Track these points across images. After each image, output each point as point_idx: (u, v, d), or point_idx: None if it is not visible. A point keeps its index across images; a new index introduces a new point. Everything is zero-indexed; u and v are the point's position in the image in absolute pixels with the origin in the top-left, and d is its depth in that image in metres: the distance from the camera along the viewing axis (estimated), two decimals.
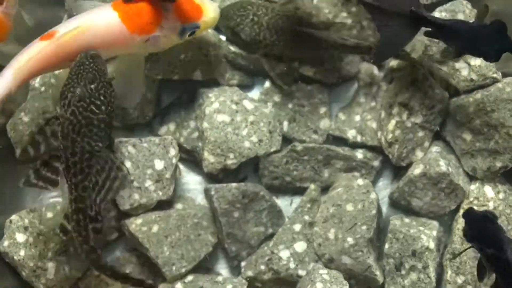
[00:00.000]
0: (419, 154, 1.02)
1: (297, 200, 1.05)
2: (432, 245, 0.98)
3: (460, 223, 0.98)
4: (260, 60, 1.04)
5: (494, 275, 0.85)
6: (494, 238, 0.83)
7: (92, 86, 0.85)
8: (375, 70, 1.07)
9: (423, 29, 0.92)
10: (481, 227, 0.84)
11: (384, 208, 1.06)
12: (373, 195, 1.00)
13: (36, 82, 1.04)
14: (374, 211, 0.98)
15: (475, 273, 0.91)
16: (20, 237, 0.98)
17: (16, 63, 0.86)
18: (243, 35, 1.01)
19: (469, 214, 0.86)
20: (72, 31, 0.87)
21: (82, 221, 0.86)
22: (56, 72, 1.04)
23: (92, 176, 0.86)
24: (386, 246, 1.00)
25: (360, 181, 1.02)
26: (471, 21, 0.93)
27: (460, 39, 0.89)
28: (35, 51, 0.87)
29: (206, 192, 1.03)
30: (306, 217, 1.02)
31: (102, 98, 0.86)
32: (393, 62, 1.04)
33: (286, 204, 1.06)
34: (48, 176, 0.88)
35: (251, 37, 1.01)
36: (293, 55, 1.03)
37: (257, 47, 1.02)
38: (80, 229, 0.86)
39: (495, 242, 0.83)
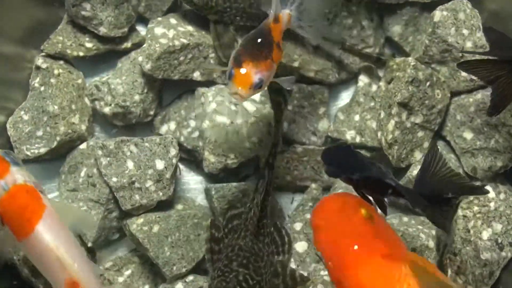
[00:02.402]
0: (417, 155, 1.02)
1: (298, 198, 1.05)
2: (431, 243, 0.98)
3: (460, 223, 0.98)
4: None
5: None
6: (356, 164, 0.82)
7: None
8: (374, 70, 1.07)
9: None
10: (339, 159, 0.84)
11: None
12: None
13: (36, 82, 1.04)
14: None
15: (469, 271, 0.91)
16: None
17: None
18: None
19: (325, 154, 0.85)
20: None
21: None
22: (56, 72, 1.04)
23: None
24: None
25: None
26: None
27: None
28: None
29: (207, 192, 1.03)
30: (308, 215, 1.01)
31: None
32: (392, 62, 1.04)
33: (287, 202, 1.06)
34: None
35: (203, 1, 1.00)
36: (242, 25, 1.02)
37: (209, 12, 1.00)
38: None
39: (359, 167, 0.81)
